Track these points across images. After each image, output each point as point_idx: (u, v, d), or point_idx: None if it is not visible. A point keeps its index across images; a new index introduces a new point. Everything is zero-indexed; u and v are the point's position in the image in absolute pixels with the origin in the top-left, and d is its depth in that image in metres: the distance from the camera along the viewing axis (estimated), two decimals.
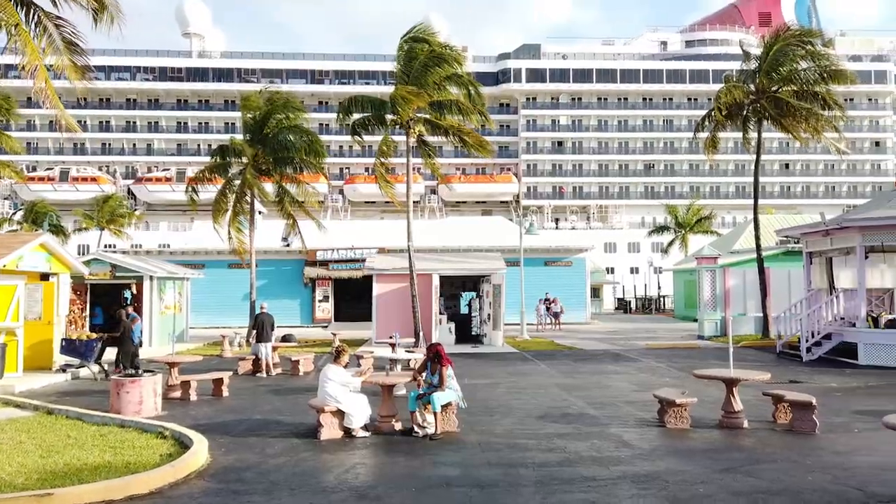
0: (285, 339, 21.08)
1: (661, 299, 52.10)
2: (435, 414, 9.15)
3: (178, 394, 12.73)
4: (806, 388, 12.34)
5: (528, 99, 75.79)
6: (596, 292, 49.50)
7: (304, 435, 9.33)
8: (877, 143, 75.28)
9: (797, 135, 24.30)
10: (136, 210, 64.72)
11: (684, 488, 6.77)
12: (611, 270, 64.31)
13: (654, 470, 7.44)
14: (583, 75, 74.89)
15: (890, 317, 17.93)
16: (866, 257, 18.19)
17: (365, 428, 9.30)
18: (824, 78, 22.86)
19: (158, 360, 14.83)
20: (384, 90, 26.14)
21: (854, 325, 17.50)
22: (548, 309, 31.50)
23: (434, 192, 73.50)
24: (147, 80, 73.52)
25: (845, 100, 24.82)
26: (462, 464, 7.82)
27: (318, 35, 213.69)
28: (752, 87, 24.18)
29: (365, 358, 15.74)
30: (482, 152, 23.25)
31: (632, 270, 66.34)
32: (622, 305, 54.21)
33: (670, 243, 52.83)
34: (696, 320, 27.86)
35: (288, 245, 36.24)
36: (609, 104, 75.76)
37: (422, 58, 21.30)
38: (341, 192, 72.96)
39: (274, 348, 16.88)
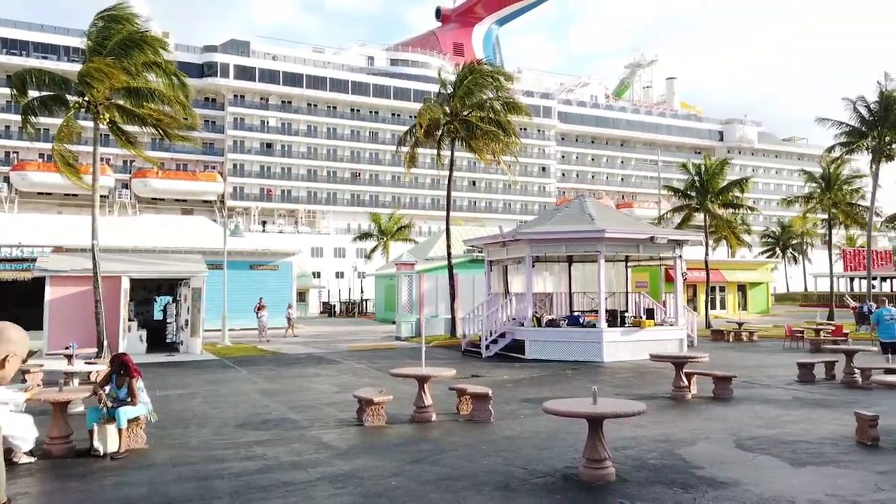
0: None
1: (364, 303, 54.16)
2: (119, 430, 8.33)
3: None
4: (484, 382, 13.87)
5: (235, 96, 72.98)
6: (302, 296, 49.59)
7: None
8: (543, 169, 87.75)
9: (482, 156, 27.28)
10: None
11: (378, 483, 7.15)
12: (317, 275, 64.93)
13: (351, 468, 7.72)
14: (293, 79, 74.51)
15: (550, 317, 21.04)
16: (533, 266, 21.11)
17: (30, 453, 8.08)
18: (505, 109, 26.11)
19: None
20: (67, 68, 23.04)
21: (523, 324, 20.16)
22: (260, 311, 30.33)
23: (126, 186, 66.75)
24: None
25: (520, 129, 28.56)
26: (150, 482, 7.24)
27: None
28: (448, 109, 26.54)
29: (32, 372, 13.67)
30: (186, 141, 21.79)
31: (337, 275, 67.78)
32: (327, 309, 55.08)
33: (373, 249, 55.16)
34: (394, 322, 29.50)
35: None
36: (319, 111, 76.56)
37: (119, 38, 19.26)
38: (6, 179, 62.31)
39: None
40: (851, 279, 57.98)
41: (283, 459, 8.13)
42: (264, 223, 71.73)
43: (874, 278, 40.31)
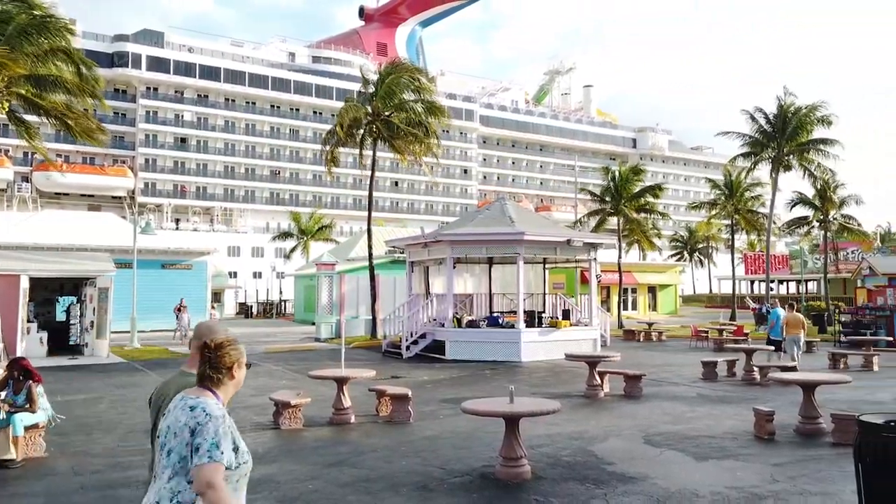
0: None
1: (283, 304, 53.08)
2: (15, 439, 7.85)
3: None
4: (404, 383, 13.88)
5: (148, 88, 69.95)
6: (217, 296, 48.12)
7: None
8: (465, 171, 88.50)
9: (404, 156, 27.30)
10: None
11: (295, 486, 7.03)
12: (234, 274, 63.17)
13: (266, 472, 7.56)
14: (210, 73, 72.10)
15: (470, 318, 21.27)
16: (454, 267, 21.29)
17: None
18: (427, 111, 26.20)
19: None
20: None
21: (443, 325, 20.30)
22: (180, 312, 29.11)
23: (27, 179, 62.82)
24: None
25: (443, 131, 28.72)
26: (49, 492, 6.87)
27: None
28: (370, 109, 26.40)
29: None
30: (92, 141, 20.74)
31: (255, 275, 66.13)
32: (244, 310, 53.69)
33: (293, 249, 54.17)
34: (314, 323, 29.08)
35: None
36: (237, 106, 74.38)
37: (19, 22, 18.09)
38: None
39: None
40: (752, 282, 61.50)
41: None
42: (178, 221, 69.15)
43: (772, 281, 42.90)
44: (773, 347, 16.84)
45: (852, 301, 32.70)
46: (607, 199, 37.29)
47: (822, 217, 39.14)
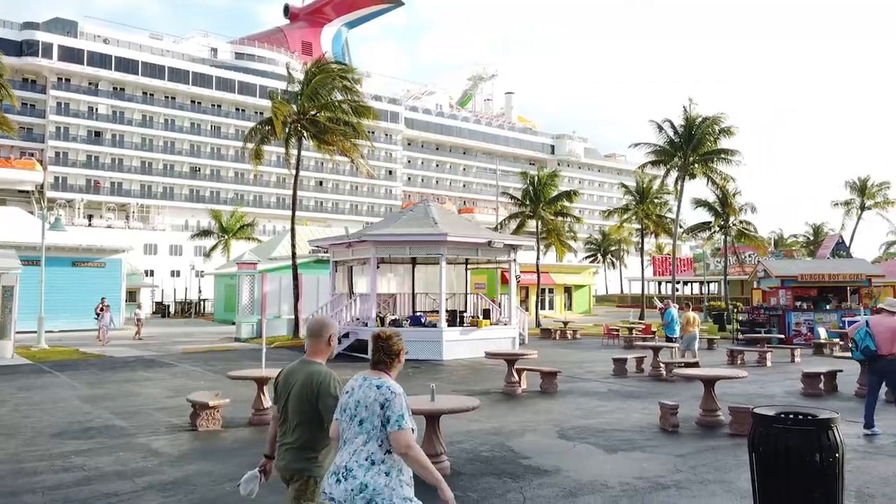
0: None
1: (202, 303, 51.59)
2: None
3: None
4: None
5: (60, 79, 66.46)
6: (133, 295, 46.33)
7: None
8: (390, 172, 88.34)
9: (332, 154, 27.13)
10: None
11: (212, 489, 6.97)
12: (150, 273, 60.92)
13: (182, 475, 7.45)
14: (127, 65, 69.14)
15: (393, 317, 21.38)
16: (378, 267, 21.35)
17: None
18: (355, 111, 26.15)
19: None
20: None
21: (367, 324, 20.32)
22: (103, 311, 27.62)
23: None
24: None
25: (369, 132, 28.72)
26: None
27: None
28: (295, 107, 26.10)
29: None
30: (5, 130, 19.71)
31: (173, 273, 63.97)
32: (161, 309, 51.87)
33: (213, 248, 52.75)
34: (234, 323, 28.46)
35: None
36: (156, 101, 71.60)
37: None
38: None
39: None
40: (659, 283, 64.30)
41: (106, 469, 7.67)
42: (90, 217, 66.02)
43: (678, 282, 44.98)
44: (676, 345, 17.82)
45: (749, 301, 34.67)
46: (527, 202, 38.17)
47: (723, 222, 41.41)
